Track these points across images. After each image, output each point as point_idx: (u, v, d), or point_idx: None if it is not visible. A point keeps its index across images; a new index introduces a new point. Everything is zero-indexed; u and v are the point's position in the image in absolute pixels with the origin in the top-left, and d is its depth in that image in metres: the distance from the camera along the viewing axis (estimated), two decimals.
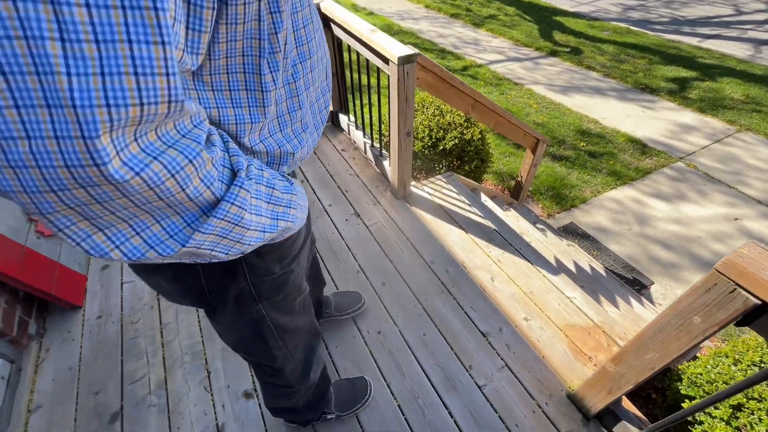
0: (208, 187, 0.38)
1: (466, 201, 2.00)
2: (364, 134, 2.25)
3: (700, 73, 5.59)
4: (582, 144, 4.17)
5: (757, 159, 4.03)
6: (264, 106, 0.46)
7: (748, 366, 1.31)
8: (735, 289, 0.68)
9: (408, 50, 1.47)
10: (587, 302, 1.54)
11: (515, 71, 5.68)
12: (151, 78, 0.29)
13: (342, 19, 1.76)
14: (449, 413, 1.23)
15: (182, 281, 0.58)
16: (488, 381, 1.30)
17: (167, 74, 0.30)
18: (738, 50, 6.26)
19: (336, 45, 2.11)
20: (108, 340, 1.42)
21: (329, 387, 1.14)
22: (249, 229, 0.44)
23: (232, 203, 0.40)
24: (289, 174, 0.61)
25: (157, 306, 1.53)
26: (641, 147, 4.17)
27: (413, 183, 2.10)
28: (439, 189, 2.08)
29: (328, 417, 1.16)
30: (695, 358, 1.56)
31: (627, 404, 1.15)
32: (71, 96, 0.26)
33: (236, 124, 0.46)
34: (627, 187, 3.64)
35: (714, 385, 1.32)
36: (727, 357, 1.38)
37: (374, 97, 1.97)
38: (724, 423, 1.22)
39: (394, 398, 1.26)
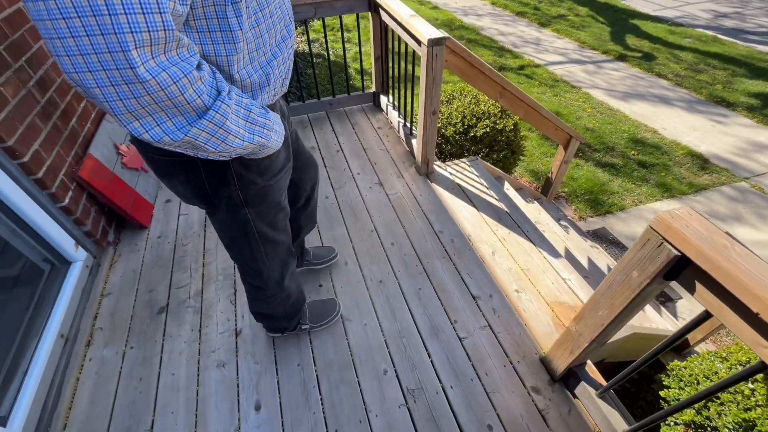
0: (199, 96, 0.58)
1: (485, 184, 2.11)
2: (399, 114, 2.43)
3: None
4: (633, 153, 3.99)
5: None
6: (234, 42, 0.64)
7: (733, 365, 1.31)
8: (662, 243, 0.77)
9: (438, 33, 1.62)
10: (581, 286, 1.60)
11: (574, 74, 5.49)
12: (151, 15, 0.49)
13: (387, 4, 1.94)
14: (428, 354, 1.38)
15: (192, 185, 0.80)
16: (469, 335, 1.43)
17: (160, 12, 0.50)
18: None
19: (383, 30, 2.30)
20: (163, 255, 1.76)
21: (304, 303, 1.38)
22: (230, 133, 0.64)
23: (217, 111, 0.60)
24: (269, 106, 0.81)
25: (203, 235, 1.85)
26: (701, 162, 3.90)
27: (438, 163, 2.25)
28: (461, 171, 2.20)
29: (303, 327, 1.39)
30: (685, 357, 1.56)
31: (591, 370, 1.23)
32: (113, 27, 0.47)
33: (216, 56, 0.65)
34: (674, 200, 3.45)
35: (694, 377, 1.34)
36: (716, 356, 1.39)
37: (414, 87, 2.13)
38: (694, 411, 1.26)
39: (383, 334, 1.44)
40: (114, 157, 1.88)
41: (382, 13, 2.13)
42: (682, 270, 0.77)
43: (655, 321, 2.06)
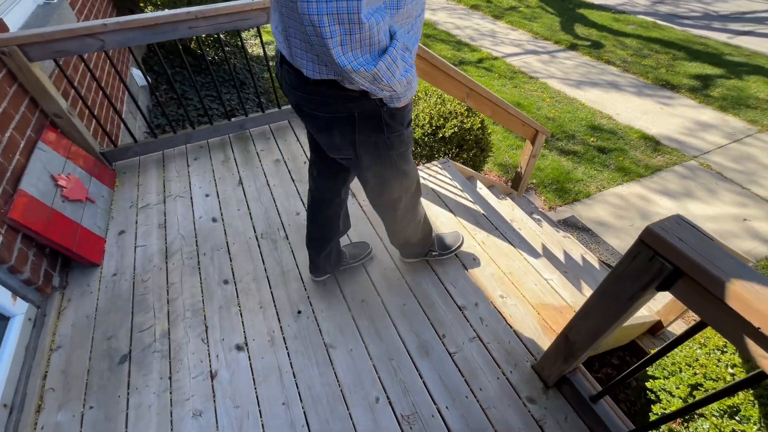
0: (386, 37, 0.75)
1: (459, 187, 2.08)
2: None
3: (726, 70, 5.40)
4: (592, 139, 4.14)
5: None
6: (397, 9, 0.79)
7: (712, 350, 1.36)
8: (654, 256, 0.75)
9: None
10: (564, 284, 1.61)
11: (531, 64, 5.62)
12: None
13: None
14: (419, 374, 1.33)
15: (346, 136, 1.00)
16: (459, 349, 1.40)
17: None
18: None
19: None
20: (121, 295, 1.59)
21: (432, 233, 1.59)
22: (398, 68, 0.79)
23: (393, 48, 0.77)
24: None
25: (165, 268, 1.69)
26: (654, 144, 4.11)
27: None
28: (433, 174, 2.16)
29: (433, 254, 1.64)
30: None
31: (584, 374, 1.23)
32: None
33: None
34: (633, 183, 3.61)
35: (676, 366, 1.38)
36: (695, 341, 1.43)
37: None
38: (681, 401, 1.29)
39: (370, 358, 1.37)
40: (52, 191, 1.67)
41: None
42: (676, 280, 0.75)
43: None
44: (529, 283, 1.61)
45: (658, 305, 2.40)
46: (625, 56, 5.81)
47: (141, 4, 3.90)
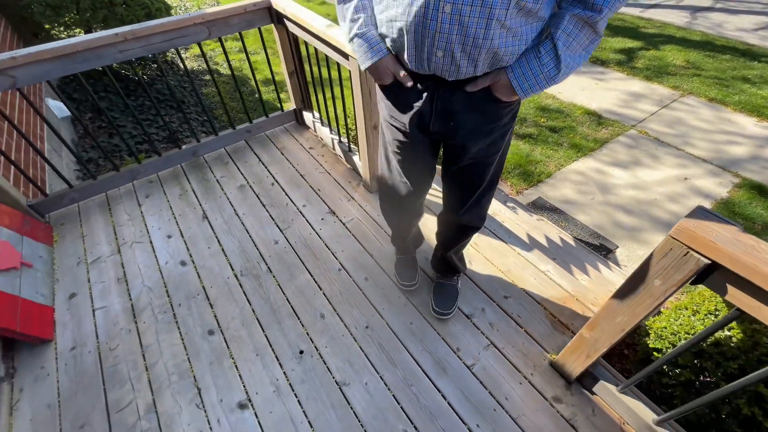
0: None
1: (439, 188, 2.04)
2: (331, 130, 2.23)
3: (644, 42, 5.87)
4: (543, 120, 4.31)
5: (700, 120, 4.32)
6: None
7: (705, 315, 1.43)
8: (688, 252, 0.74)
9: None
10: (560, 274, 1.62)
11: None
12: None
13: (296, 15, 1.72)
14: (442, 396, 1.27)
15: None
16: (476, 360, 1.35)
17: None
18: (676, 18, 6.62)
19: (292, 41, 2.06)
20: (86, 371, 1.37)
21: (397, 239, 1.55)
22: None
23: None
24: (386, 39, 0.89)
25: (135, 329, 1.48)
26: (597, 118, 4.36)
27: None
28: None
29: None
30: (659, 313, 1.69)
31: (606, 366, 1.24)
32: None
33: None
34: (588, 158, 3.81)
35: (677, 336, 1.44)
36: (686, 309, 1.51)
37: (337, 90, 1.95)
38: (689, 370, 1.34)
39: (388, 389, 1.29)
40: None
41: (288, 24, 1.89)
42: (710, 274, 0.75)
43: (609, 276, 2.22)
44: (529, 278, 1.60)
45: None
46: None
47: (47, 26, 3.45)
